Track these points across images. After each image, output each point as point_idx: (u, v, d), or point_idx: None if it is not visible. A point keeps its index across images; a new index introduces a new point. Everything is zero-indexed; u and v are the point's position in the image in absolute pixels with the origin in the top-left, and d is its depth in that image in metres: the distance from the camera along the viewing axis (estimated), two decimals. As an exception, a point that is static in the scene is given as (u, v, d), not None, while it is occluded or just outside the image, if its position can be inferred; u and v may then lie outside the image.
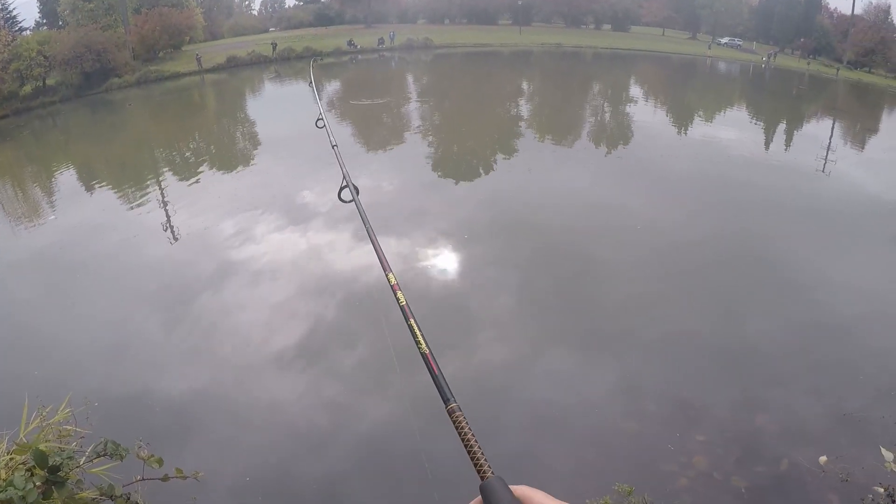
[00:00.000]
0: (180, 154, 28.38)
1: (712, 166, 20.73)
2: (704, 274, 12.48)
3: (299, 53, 64.94)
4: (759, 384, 8.98)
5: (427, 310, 11.17)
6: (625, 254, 13.27)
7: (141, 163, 26.72)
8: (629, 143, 25.67)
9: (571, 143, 25.22)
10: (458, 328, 10.74)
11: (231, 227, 15.87)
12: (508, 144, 24.68)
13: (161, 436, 7.97)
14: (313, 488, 7.37)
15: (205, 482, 7.22)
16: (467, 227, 14.62)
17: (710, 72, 59.05)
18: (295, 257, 13.95)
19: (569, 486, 7.09)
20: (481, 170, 20.73)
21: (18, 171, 29.27)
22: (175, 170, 24.47)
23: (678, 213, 15.71)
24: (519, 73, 52.87)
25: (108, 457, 4.22)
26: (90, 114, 44.65)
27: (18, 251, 16.45)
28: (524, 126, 29.13)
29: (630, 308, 11.26)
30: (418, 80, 49.07)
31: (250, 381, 9.61)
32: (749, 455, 7.56)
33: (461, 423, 1.59)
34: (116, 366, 10.19)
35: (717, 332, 10.44)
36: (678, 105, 36.79)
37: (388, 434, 8.17)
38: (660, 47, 69.36)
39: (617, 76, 51.54)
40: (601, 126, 29.36)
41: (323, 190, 17.85)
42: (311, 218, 16.01)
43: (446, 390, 1.73)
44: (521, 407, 8.61)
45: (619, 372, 9.34)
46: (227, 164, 24.34)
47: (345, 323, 11.19)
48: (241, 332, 11.11)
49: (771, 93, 46.82)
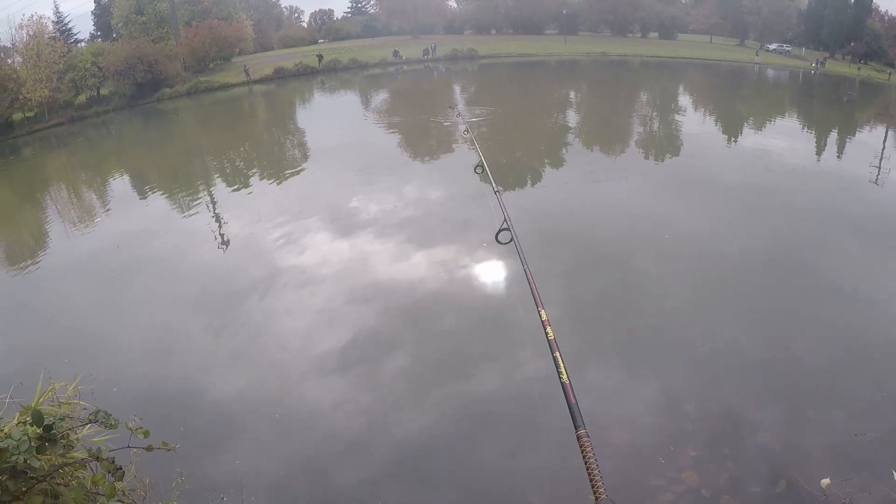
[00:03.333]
0: (230, 162, 28.90)
1: (761, 176, 20.03)
2: (745, 287, 11.96)
3: (345, 65, 65.82)
4: (767, 399, 8.53)
5: (467, 318, 11.31)
6: (669, 265, 12.96)
7: (191, 170, 27.40)
8: (678, 153, 25.05)
9: (618, 153, 24.81)
10: (498, 338, 10.63)
11: (279, 234, 16.03)
12: (555, 154, 24.47)
13: (202, 435, 8.35)
14: (349, 492, 7.41)
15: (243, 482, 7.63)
16: None
17: (758, 79, 57.46)
18: (341, 266, 13.97)
19: (548, 492, 7.09)
20: (529, 179, 20.67)
21: (73, 177, 30.22)
22: (225, 178, 24.96)
23: (726, 224, 15.32)
24: (565, 83, 52.54)
25: (101, 424, 4.58)
26: (142, 122, 45.82)
27: (71, 254, 17.01)
28: (571, 136, 28.88)
29: (667, 321, 10.91)
30: (465, 90, 49.25)
31: (291, 386, 9.74)
32: (745, 473, 7.17)
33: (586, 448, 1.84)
34: (161, 366, 10.45)
35: (744, 346, 9.94)
36: (727, 114, 35.92)
37: (424, 443, 8.21)
38: (707, 55, 68.46)
39: (664, 85, 50.82)
40: (648, 136, 28.88)
41: (371, 200, 18.10)
42: (360, 228, 16.03)
43: (578, 417, 1.97)
44: (549, 415, 8.33)
45: (633, 380, 9.18)
46: (275, 172, 24.63)
47: (387, 332, 11.16)
48: (285, 338, 11.25)
49: (821, 100, 45.56)
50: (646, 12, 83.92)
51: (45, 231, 20.06)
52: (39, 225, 21.11)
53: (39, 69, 47.83)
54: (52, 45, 50.66)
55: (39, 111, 47.99)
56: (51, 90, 48.15)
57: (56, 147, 40.91)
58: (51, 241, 18.73)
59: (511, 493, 7.30)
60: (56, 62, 49.83)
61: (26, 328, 12.29)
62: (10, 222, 21.91)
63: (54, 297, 13.80)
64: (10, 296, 14.40)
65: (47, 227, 20.48)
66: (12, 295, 14.44)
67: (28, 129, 46.58)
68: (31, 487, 4.28)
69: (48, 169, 33.06)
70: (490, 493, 7.34)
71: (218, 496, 6.90)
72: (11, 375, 6.83)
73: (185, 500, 6.40)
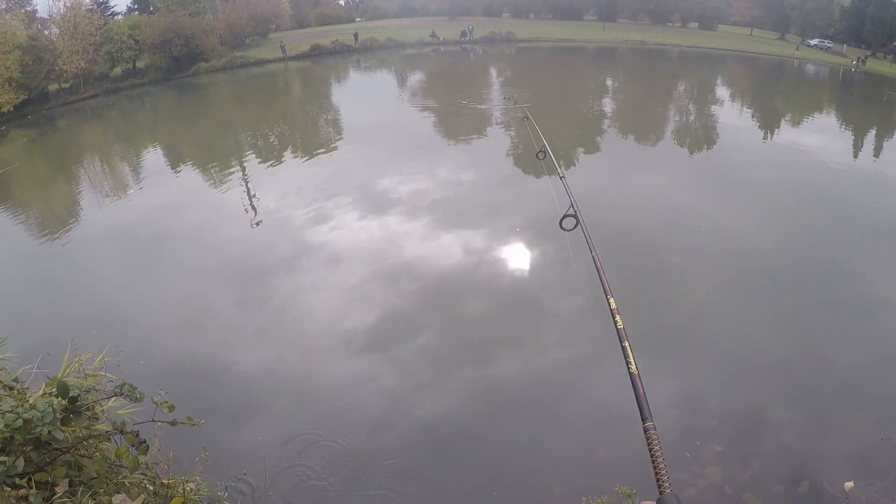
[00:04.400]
0: (264, 138, 28.92)
1: (796, 174, 19.61)
2: (776, 286, 11.69)
3: (382, 44, 65.65)
4: (795, 399, 8.45)
5: (491, 303, 11.25)
6: (699, 259, 12.81)
7: (225, 145, 27.49)
8: (713, 145, 24.66)
9: (654, 143, 24.57)
10: (523, 324, 10.61)
11: (309, 212, 16.08)
12: (590, 141, 24.19)
13: (226, 410, 8.36)
14: (370, 468, 7.43)
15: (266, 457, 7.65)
16: (539, 223, 14.33)
17: (798, 74, 56.42)
18: (369, 245, 14.00)
19: (569, 482, 7.03)
20: (562, 165, 20.44)
21: (106, 149, 30.41)
22: (258, 153, 25.00)
23: (758, 220, 14.94)
24: (603, 70, 51.93)
25: (126, 397, 4.56)
26: (177, 96, 46.09)
27: (103, 226, 17.21)
28: (607, 123, 28.64)
29: (696, 316, 10.86)
30: (501, 74, 48.95)
31: (315, 363, 9.79)
32: (768, 472, 7.13)
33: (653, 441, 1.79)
34: (188, 340, 10.55)
35: (773, 345, 9.79)
36: (764, 108, 35.23)
37: (445, 424, 8.22)
38: (747, 47, 67.36)
39: (702, 76, 50.12)
40: (684, 127, 28.56)
41: (403, 180, 18.09)
42: (390, 208, 16.04)
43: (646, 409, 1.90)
44: (572, 404, 8.47)
45: (662, 374, 8.95)
46: (308, 150, 24.70)
47: (413, 311, 11.21)
48: (311, 314, 11.31)
49: (860, 99, 44.53)
50: (686, 2, 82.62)
51: (78, 202, 20.24)
52: (72, 196, 21.30)
53: (76, 41, 48.13)
54: (88, 17, 50.88)
55: (75, 83, 48.37)
56: (87, 62, 48.49)
57: (90, 118, 41.25)
58: (83, 213, 18.89)
59: (531, 477, 7.26)
60: (92, 34, 50.08)
61: (56, 299, 12.36)
62: (43, 193, 22.15)
63: (84, 268, 13.91)
64: (41, 266, 14.51)
65: (79, 199, 20.67)
66: (43, 265, 14.57)
67: (63, 100, 47.00)
68: (55, 459, 4.26)
69: (82, 140, 33.35)
70: (510, 476, 7.30)
71: (240, 471, 6.87)
72: (39, 346, 6.82)
73: (208, 474, 6.40)
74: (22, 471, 3.95)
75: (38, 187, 23.07)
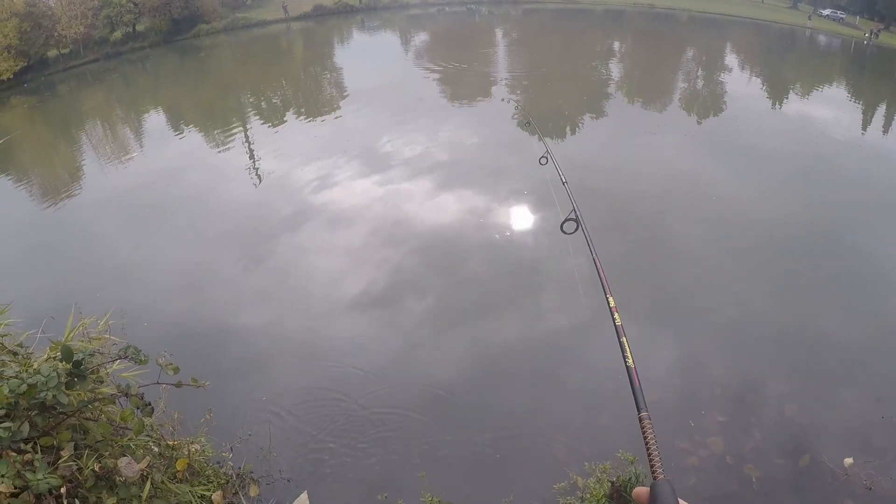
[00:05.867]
0: (266, 100, 28.79)
1: (803, 145, 19.17)
2: (780, 257, 11.65)
3: (386, 4, 64.98)
4: (797, 374, 8.42)
5: (493, 266, 11.30)
6: (701, 228, 12.77)
7: (227, 107, 27.32)
8: (720, 113, 24.26)
9: (660, 109, 24.24)
10: (522, 288, 10.66)
11: (312, 172, 16.13)
12: (597, 106, 23.89)
13: (230, 371, 8.49)
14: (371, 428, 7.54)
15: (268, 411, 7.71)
16: (542, 187, 14.07)
17: (808, 45, 55.15)
18: (373, 205, 14.06)
19: (573, 447, 7.07)
20: (568, 129, 20.35)
21: (108, 113, 30.29)
22: (260, 115, 24.93)
23: (762, 190, 14.72)
24: (610, 33, 51.10)
25: (131, 360, 4.58)
26: (178, 59, 45.79)
27: (105, 190, 17.18)
28: (613, 88, 28.24)
29: (699, 285, 10.80)
30: (507, 35, 48.37)
31: (317, 324, 9.87)
32: (770, 445, 7.14)
33: (647, 430, 1.86)
34: (191, 303, 10.63)
35: (777, 317, 9.74)
36: (773, 78, 34.37)
37: (441, 382, 8.30)
38: (757, 14, 65.87)
39: (711, 42, 49.17)
40: (692, 94, 28.11)
41: (405, 142, 18.07)
42: (393, 169, 16.06)
43: (641, 401, 1.98)
44: (558, 378, 8.40)
45: (665, 342, 9.04)
46: (312, 111, 24.61)
47: (415, 272, 11.27)
48: (313, 276, 11.38)
49: (872, 72, 43.51)
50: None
51: (80, 167, 20.23)
52: (74, 161, 21.28)
53: (74, 6, 47.60)
54: (87, -20, 50.46)
55: (74, 48, 47.94)
56: (86, 27, 48.00)
57: (91, 83, 41.02)
58: (85, 178, 18.89)
59: (534, 440, 7.36)
60: (91, -1, 49.70)
61: (59, 263, 12.42)
62: (45, 159, 22.11)
63: (88, 233, 13.97)
64: (44, 230, 14.61)
65: (82, 164, 20.66)
66: (46, 229, 14.65)
67: (63, 65, 46.65)
68: (60, 423, 4.29)
69: (83, 105, 33.20)
70: (513, 438, 7.37)
71: (245, 432, 6.93)
72: (43, 311, 6.84)
73: (214, 435, 6.46)
74: (27, 436, 3.98)
75: (40, 154, 23.03)
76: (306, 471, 6.83)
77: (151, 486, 4.94)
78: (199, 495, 5.63)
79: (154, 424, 5.54)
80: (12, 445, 3.90)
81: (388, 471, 6.91)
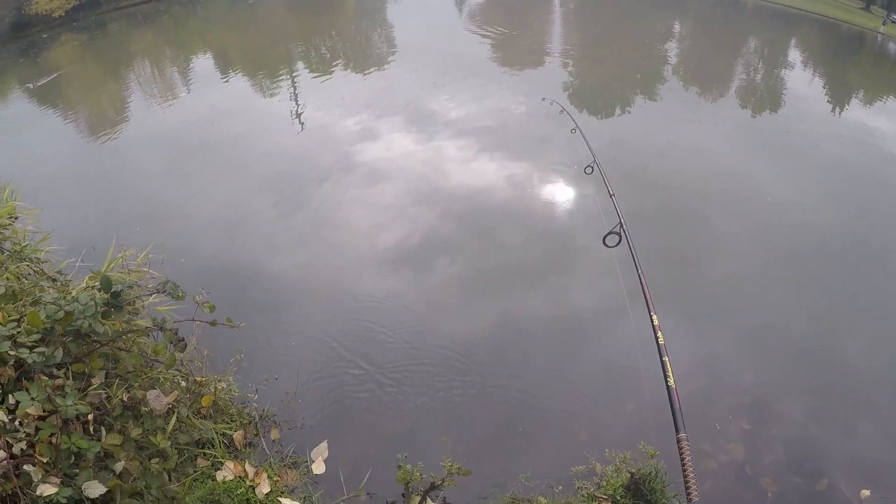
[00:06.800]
0: (315, 50, 28.70)
1: (860, 155, 17.95)
2: (821, 269, 11.09)
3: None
4: (830, 394, 8.18)
5: (527, 236, 11.24)
6: (740, 226, 12.19)
7: (275, 55, 27.11)
8: (776, 110, 23.30)
9: (714, 99, 23.21)
10: (557, 262, 10.57)
11: (354, 126, 16.06)
12: (650, 88, 23.14)
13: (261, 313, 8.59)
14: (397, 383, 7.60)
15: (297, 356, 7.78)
16: (577, 164, 13.68)
17: (878, 51, 52.69)
18: (413, 163, 14.03)
19: (596, 432, 6.99)
20: (618, 109, 20.02)
21: (157, 54, 30.36)
22: (308, 64, 24.81)
23: (811, 196, 14.05)
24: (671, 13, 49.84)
25: (168, 295, 4.65)
26: (230, 3, 45.68)
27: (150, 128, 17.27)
28: (669, 70, 27.59)
29: (734, 285, 10.37)
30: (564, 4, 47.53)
31: (350, 273, 9.94)
32: (790, 461, 6.98)
33: (684, 451, 1.95)
34: (229, 244, 10.74)
35: (813, 332, 9.43)
36: (836, 81, 32.90)
37: (467, 347, 8.25)
38: (826, 11, 62.90)
39: (775, 35, 47.04)
40: (749, 87, 27.20)
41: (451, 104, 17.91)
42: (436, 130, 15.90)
43: (680, 422, 2.04)
44: (588, 357, 8.40)
45: (695, 341, 8.79)
46: (359, 64, 24.39)
47: (449, 234, 11.24)
48: (349, 226, 11.44)
49: None
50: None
51: (127, 105, 20.30)
52: (121, 98, 21.36)
53: (129, -58, 47.76)
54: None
55: (127, -13, 48.14)
56: (140, -34, 48.19)
57: (142, 24, 41.06)
58: (131, 115, 18.96)
59: (558, 418, 7.35)
60: (148, -65, 49.58)
61: (102, 196, 12.56)
62: (93, 95, 22.23)
63: (131, 168, 14.05)
64: (89, 164, 14.81)
65: (128, 101, 20.73)
66: (92, 164, 14.84)
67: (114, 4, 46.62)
68: (93, 351, 4.36)
69: (133, 45, 33.24)
70: (536, 413, 7.37)
71: (271, 375, 7.03)
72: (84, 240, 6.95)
73: (241, 375, 6.56)
74: (60, 361, 4.06)
75: (88, 90, 23.15)
76: (329, 420, 6.91)
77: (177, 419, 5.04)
78: (221, 433, 5.73)
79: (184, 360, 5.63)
80: (45, 370, 3.98)
81: (411, 430, 6.96)
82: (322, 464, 5.97)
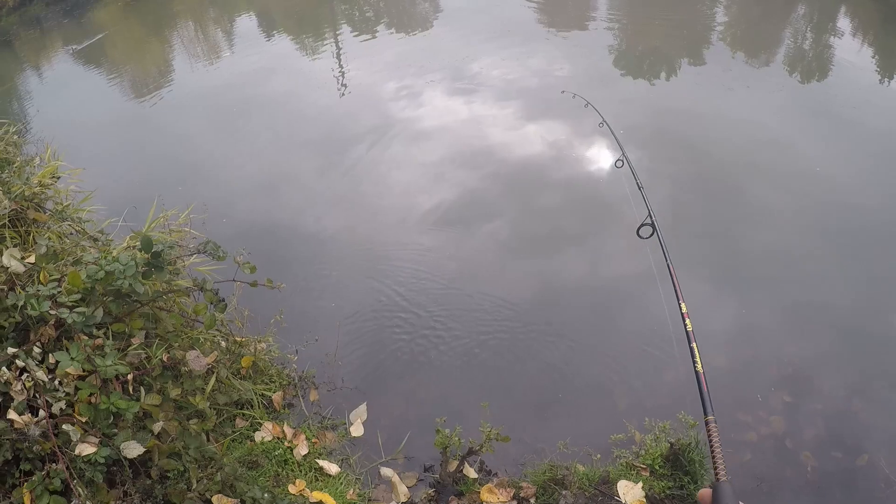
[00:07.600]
0: (359, 10, 28.50)
1: None
2: (868, 246, 10.49)
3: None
4: (873, 371, 7.80)
5: (568, 200, 11.06)
6: (786, 199, 11.66)
7: (320, 14, 27.07)
8: (825, 78, 22.49)
9: (762, 66, 22.43)
10: (599, 229, 10.41)
11: (397, 87, 15.89)
12: (695, 49, 22.60)
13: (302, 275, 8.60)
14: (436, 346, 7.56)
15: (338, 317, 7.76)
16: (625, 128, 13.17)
17: None
18: (455, 124, 13.86)
19: (635, 400, 6.91)
20: (662, 71, 19.54)
21: (200, 14, 30.41)
22: (353, 25, 24.46)
23: (857, 170, 13.18)
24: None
25: (209, 255, 4.64)
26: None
27: (193, 88, 17.39)
28: (715, 36, 26.82)
29: (774, 258, 9.95)
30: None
31: (390, 235, 9.92)
32: (831, 436, 6.80)
33: (713, 433, 2.05)
34: (269, 204, 10.75)
35: (859, 309, 8.93)
36: (889, 51, 31.47)
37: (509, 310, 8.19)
38: None
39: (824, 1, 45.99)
40: (798, 54, 26.21)
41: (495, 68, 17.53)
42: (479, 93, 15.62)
43: (709, 405, 2.07)
44: (627, 326, 8.20)
45: (737, 312, 8.58)
46: (404, 25, 24.02)
47: (487, 196, 11.13)
48: (391, 185, 11.43)
49: None
50: None
51: (170, 65, 20.41)
52: (164, 59, 21.47)
53: None
54: None
55: (173, -55, 48.13)
56: (186, -76, 48.11)
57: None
58: (174, 76, 19.04)
59: (597, 385, 7.29)
60: None
61: (144, 155, 12.66)
62: (137, 56, 22.35)
63: (173, 128, 14.10)
64: (132, 124, 14.81)
65: (172, 62, 20.84)
66: (134, 123, 14.87)
67: (159, -36, 46.91)
68: (133, 311, 4.37)
69: (176, 5, 33.30)
70: (576, 378, 7.32)
71: (312, 336, 7.03)
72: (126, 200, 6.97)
73: (280, 337, 6.56)
74: (100, 321, 4.07)
75: (131, 50, 23.28)
76: (368, 383, 6.88)
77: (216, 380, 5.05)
78: (260, 394, 5.75)
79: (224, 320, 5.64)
80: (85, 330, 3.99)
81: (451, 395, 6.95)
82: (360, 426, 5.98)
